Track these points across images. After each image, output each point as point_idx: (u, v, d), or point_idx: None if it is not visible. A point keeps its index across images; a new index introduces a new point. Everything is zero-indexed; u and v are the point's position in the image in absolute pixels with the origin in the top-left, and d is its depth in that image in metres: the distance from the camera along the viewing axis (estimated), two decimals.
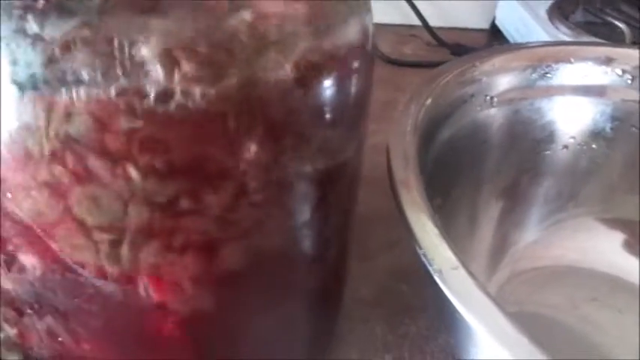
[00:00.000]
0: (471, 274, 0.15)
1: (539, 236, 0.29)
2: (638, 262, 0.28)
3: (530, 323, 0.28)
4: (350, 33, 0.15)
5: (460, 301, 0.14)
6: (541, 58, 0.27)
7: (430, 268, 0.15)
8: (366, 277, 0.29)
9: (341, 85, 0.15)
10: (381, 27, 0.56)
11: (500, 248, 0.28)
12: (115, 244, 0.13)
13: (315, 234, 0.18)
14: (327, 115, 0.15)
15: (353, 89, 0.16)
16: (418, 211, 0.17)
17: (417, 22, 0.54)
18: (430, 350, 0.26)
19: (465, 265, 0.15)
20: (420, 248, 0.16)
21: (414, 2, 0.54)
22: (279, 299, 0.18)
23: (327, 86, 0.14)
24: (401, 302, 0.28)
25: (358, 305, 0.28)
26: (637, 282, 0.28)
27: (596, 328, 0.28)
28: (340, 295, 0.24)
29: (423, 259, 0.15)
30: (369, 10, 0.17)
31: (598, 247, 0.29)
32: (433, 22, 0.54)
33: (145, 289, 0.14)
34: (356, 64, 0.15)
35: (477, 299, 0.14)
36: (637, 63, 0.27)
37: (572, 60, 0.27)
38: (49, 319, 0.17)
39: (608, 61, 0.27)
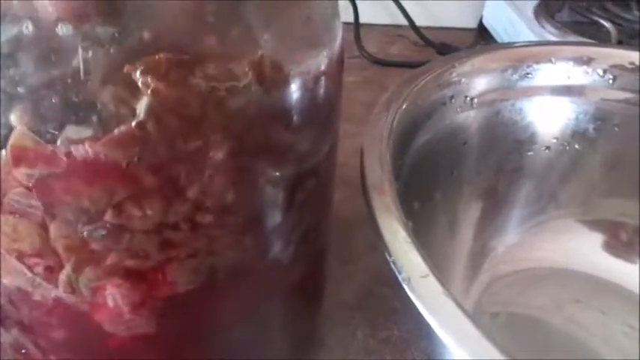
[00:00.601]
0: (441, 282, 0.15)
1: (520, 238, 0.29)
2: (619, 263, 0.28)
3: (516, 324, 0.28)
4: (317, 37, 0.15)
5: (429, 312, 0.14)
6: (521, 59, 0.27)
7: (399, 276, 0.15)
8: (349, 280, 0.29)
9: (308, 91, 0.15)
10: (368, 27, 0.56)
11: (481, 251, 0.28)
12: (52, 270, 0.13)
13: (286, 240, 0.17)
14: (294, 121, 0.15)
15: (321, 93, 0.15)
16: (390, 217, 0.17)
17: (404, 22, 0.54)
18: (411, 353, 0.25)
19: (435, 272, 0.15)
20: (390, 255, 0.15)
21: (401, 2, 0.53)
22: (253, 307, 0.18)
23: (293, 92, 0.14)
24: (383, 305, 0.28)
25: (340, 308, 0.27)
26: (619, 282, 0.28)
27: (582, 329, 0.28)
28: (319, 299, 0.24)
29: (392, 266, 0.15)
30: (337, 14, 0.16)
31: (580, 248, 0.29)
32: (421, 22, 0.54)
33: (89, 312, 0.13)
34: (323, 68, 0.15)
35: (447, 310, 0.14)
36: (617, 62, 0.26)
37: (553, 60, 0.27)
38: (15, 332, 0.16)
39: (589, 60, 0.27)
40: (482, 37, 0.55)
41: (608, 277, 0.29)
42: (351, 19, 0.53)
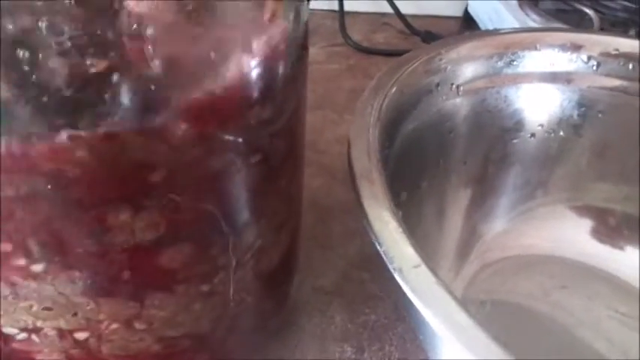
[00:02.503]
0: (433, 272, 0.14)
1: (508, 226, 0.29)
2: (606, 249, 0.28)
3: (502, 312, 0.28)
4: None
5: (422, 301, 0.14)
6: (507, 46, 0.27)
7: (390, 267, 0.14)
8: (327, 266, 0.29)
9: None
10: (353, 15, 0.56)
11: (469, 239, 0.28)
12: None
13: (255, 221, 0.17)
14: (253, 97, 0.14)
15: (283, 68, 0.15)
16: (379, 206, 0.16)
17: (389, 10, 0.53)
18: (389, 338, 0.26)
19: (426, 262, 0.14)
20: (380, 246, 0.15)
21: None
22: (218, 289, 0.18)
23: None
24: (361, 291, 0.28)
25: (318, 294, 0.27)
26: (606, 269, 0.29)
27: (568, 315, 0.28)
28: (289, 279, 0.23)
29: (384, 257, 0.15)
30: None
31: (567, 235, 0.29)
32: (407, 10, 0.54)
33: None
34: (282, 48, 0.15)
35: (440, 299, 0.14)
36: (602, 49, 0.26)
37: (539, 47, 0.27)
38: None
39: (574, 47, 0.27)
40: (467, 25, 0.55)
41: (594, 263, 0.29)
42: (336, 7, 0.53)
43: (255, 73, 0.14)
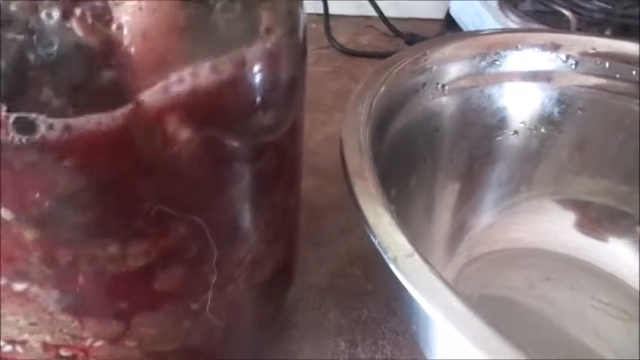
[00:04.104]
0: (426, 260, 0.15)
1: (494, 220, 0.30)
2: (589, 241, 0.29)
3: (488, 305, 0.29)
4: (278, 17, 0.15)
5: (416, 289, 0.14)
6: (489, 46, 0.28)
7: (385, 257, 0.15)
8: (320, 264, 0.30)
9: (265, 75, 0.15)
10: (338, 18, 0.57)
11: (457, 234, 0.29)
12: None
13: (256, 224, 0.17)
14: (254, 102, 0.15)
15: (282, 77, 0.16)
16: (372, 201, 0.17)
17: (373, 13, 0.54)
18: (381, 332, 0.26)
19: (419, 252, 0.15)
20: (375, 237, 0.16)
21: None
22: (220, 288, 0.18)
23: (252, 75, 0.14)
24: (353, 287, 0.28)
25: (311, 290, 0.28)
26: (588, 260, 0.30)
27: (552, 306, 0.29)
28: (289, 279, 0.24)
29: (378, 247, 0.15)
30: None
31: (552, 228, 0.30)
32: (389, 13, 0.55)
33: None
34: (283, 51, 0.15)
35: (434, 286, 0.14)
36: (582, 49, 0.28)
37: (520, 47, 0.28)
38: None
39: (554, 47, 0.28)
40: (449, 27, 0.56)
41: (577, 255, 0.30)
42: (321, 10, 0.53)
43: (253, 79, 0.14)
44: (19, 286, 0.14)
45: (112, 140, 0.11)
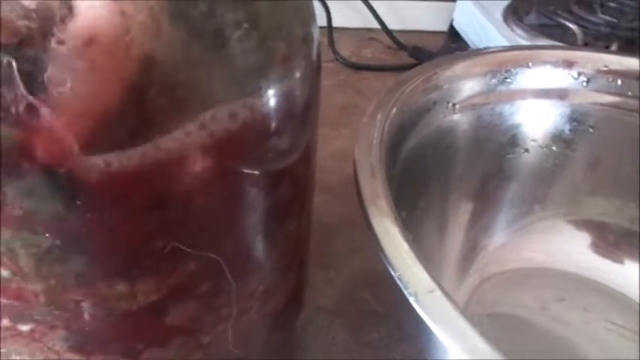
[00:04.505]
0: (447, 296, 0.14)
1: (508, 240, 0.29)
2: (603, 262, 0.29)
3: (500, 324, 0.28)
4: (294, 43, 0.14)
5: (438, 326, 0.14)
6: (501, 63, 0.27)
7: (405, 292, 0.14)
8: (329, 285, 0.29)
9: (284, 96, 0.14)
10: (341, 31, 0.56)
11: (470, 253, 0.28)
12: None
13: (270, 247, 0.17)
14: (271, 126, 0.14)
15: (298, 101, 0.15)
16: (390, 230, 0.16)
17: (376, 25, 0.54)
18: (392, 357, 0.26)
19: (441, 287, 0.14)
20: (395, 271, 0.15)
21: (373, 6, 0.53)
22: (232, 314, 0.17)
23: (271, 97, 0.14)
24: (363, 310, 0.28)
25: (321, 313, 0.27)
26: (601, 281, 0.29)
27: (565, 327, 0.28)
28: (300, 305, 0.23)
29: (398, 282, 0.15)
30: (313, 18, 0.16)
31: (565, 248, 0.29)
32: (392, 25, 0.54)
33: None
34: (299, 74, 0.15)
35: (456, 324, 0.14)
36: (597, 66, 0.27)
37: (531, 64, 0.28)
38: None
39: (567, 64, 0.27)
40: (452, 39, 0.56)
41: (590, 275, 0.29)
42: (324, 23, 0.53)
43: (270, 104, 0.14)
44: (24, 327, 0.13)
45: (127, 179, 0.11)
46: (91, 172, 0.10)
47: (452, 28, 0.57)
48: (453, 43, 0.55)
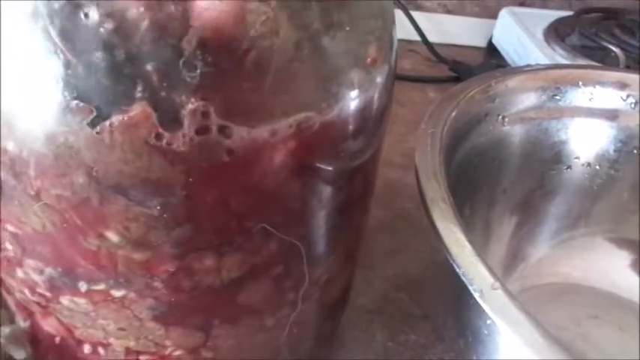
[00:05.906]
0: (510, 293, 0.15)
1: (548, 252, 0.29)
2: (638, 281, 0.29)
3: None
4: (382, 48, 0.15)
5: (504, 322, 0.14)
6: (554, 80, 0.28)
7: (470, 288, 0.15)
8: (368, 285, 0.30)
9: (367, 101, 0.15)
10: None
11: (511, 264, 0.29)
12: None
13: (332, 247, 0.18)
14: (353, 127, 0.15)
15: (376, 104, 0.16)
16: (454, 231, 0.17)
17: (416, 37, 0.55)
18: (429, 358, 0.26)
19: (503, 285, 0.15)
20: (459, 268, 0.16)
21: (415, 18, 0.54)
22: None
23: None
24: (401, 311, 0.29)
25: (359, 312, 0.28)
26: (637, 300, 0.29)
27: (595, 346, 0.28)
28: (347, 299, 0.24)
29: (463, 278, 0.16)
30: (394, 23, 0.17)
31: (603, 265, 0.30)
32: (431, 38, 0.55)
33: None
34: (380, 80, 0.16)
35: (518, 319, 0.15)
36: None
37: (582, 83, 0.28)
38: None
39: (620, 85, 0.28)
40: (491, 55, 0.56)
41: (627, 295, 0.29)
42: None
43: (355, 107, 0.15)
44: (117, 293, 0.14)
45: (238, 159, 0.12)
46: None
47: (490, 44, 0.58)
48: (491, 59, 0.56)
